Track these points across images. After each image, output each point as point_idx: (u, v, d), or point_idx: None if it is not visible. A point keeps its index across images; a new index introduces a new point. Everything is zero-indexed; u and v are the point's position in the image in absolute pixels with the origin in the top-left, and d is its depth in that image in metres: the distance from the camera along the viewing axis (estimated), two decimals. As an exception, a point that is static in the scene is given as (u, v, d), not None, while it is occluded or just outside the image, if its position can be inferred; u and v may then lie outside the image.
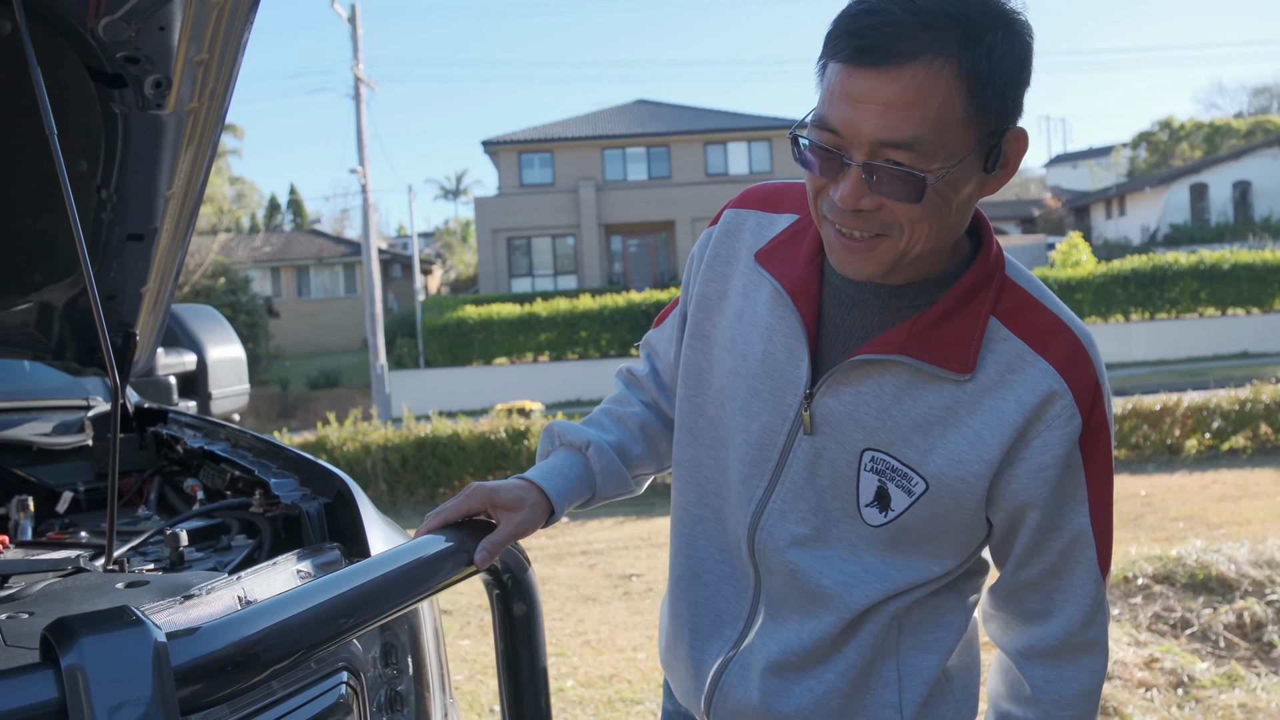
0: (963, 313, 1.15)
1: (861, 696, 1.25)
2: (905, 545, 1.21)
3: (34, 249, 1.89)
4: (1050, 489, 1.16)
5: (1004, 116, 1.07)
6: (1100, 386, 1.17)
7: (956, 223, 1.12)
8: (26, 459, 2.07)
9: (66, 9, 1.44)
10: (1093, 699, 1.23)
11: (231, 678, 0.91)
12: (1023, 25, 1.06)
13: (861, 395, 1.18)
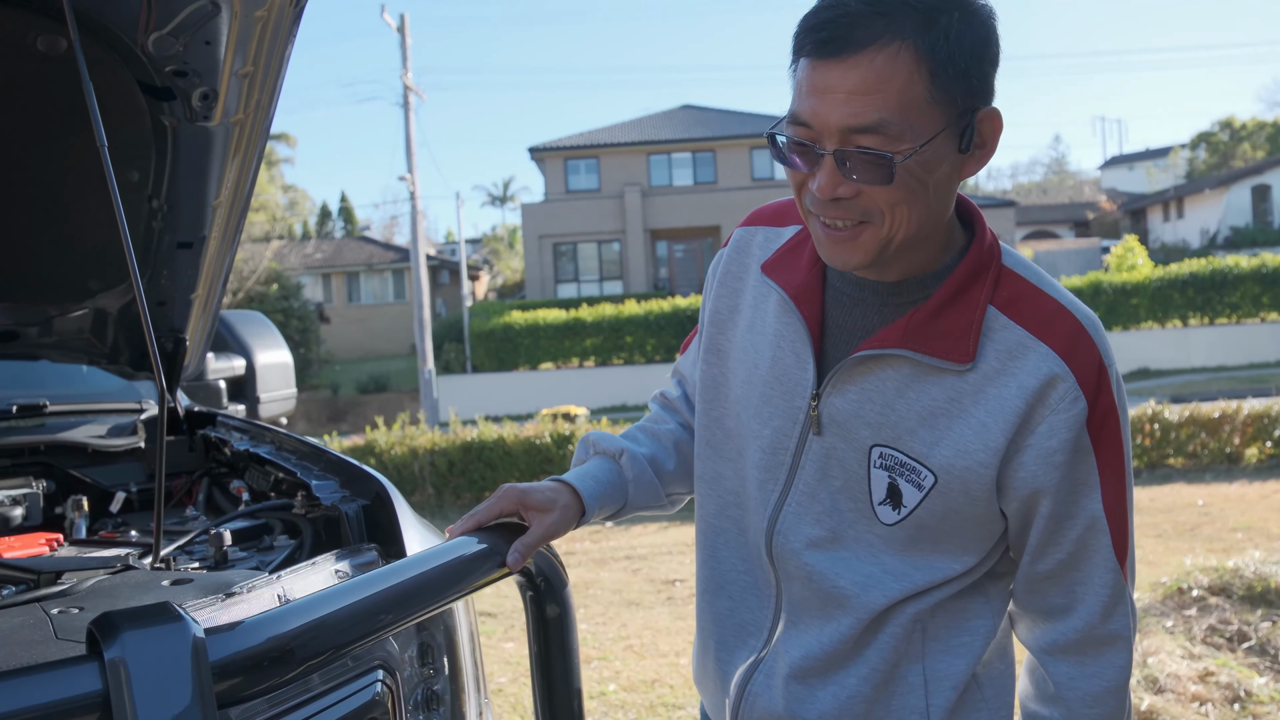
0: (960, 303, 1.16)
1: (886, 701, 1.24)
2: (924, 544, 1.20)
3: (89, 257, 1.95)
4: (1060, 475, 1.14)
5: (973, 96, 1.08)
6: (1105, 369, 1.16)
7: (937, 205, 1.12)
8: (82, 460, 2.14)
9: (118, 25, 1.49)
10: (1118, 696, 1.21)
11: (268, 673, 0.94)
12: (980, 7, 1.08)
13: (866, 392, 1.19)
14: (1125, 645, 1.20)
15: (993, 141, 1.12)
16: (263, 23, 1.53)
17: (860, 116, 1.04)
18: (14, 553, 1.54)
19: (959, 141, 1.09)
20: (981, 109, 1.10)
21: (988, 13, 1.09)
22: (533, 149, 32.34)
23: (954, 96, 1.06)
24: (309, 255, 34.05)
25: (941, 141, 1.07)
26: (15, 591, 1.36)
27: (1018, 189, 61.69)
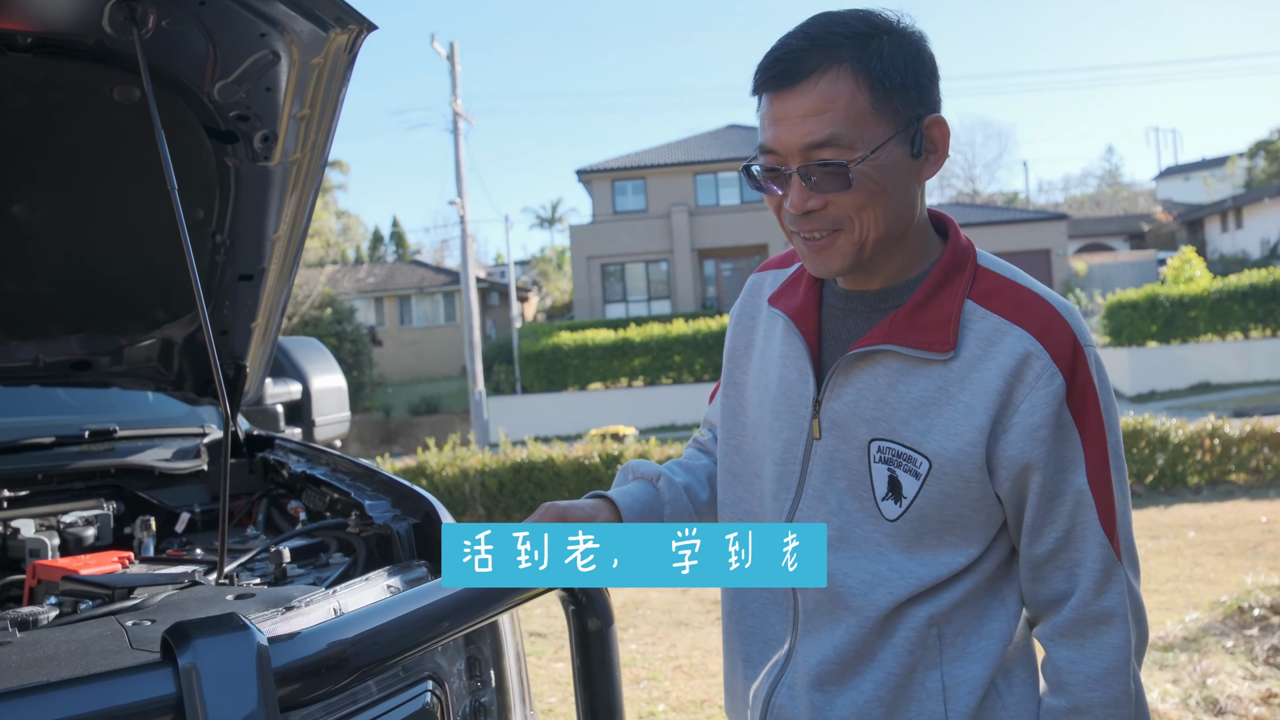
0: (938, 299, 1.27)
1: (905, 707, 1.27)
2: (928, 537, 1.26)
3: (156, 289, 2.06)
4: (1046, 449, 1.21)
5: (915, 106, 1.22)
6: (1081, 347, 1.24)
7: (900, 206, 1.24)
8: (149, 482, 2.25)
9: (186, 76, 1.60)
10: (1120, 678, 1.23)
11: (325, 679, 1.01)
12: (906, 29, 1.24)
13: (861, 391, 1.28)
14: (1122, 624, 1.23)
15: (943, 146, 1.26)
16: (319, 69, 1.63)
17: (815, 134, 1.19)
18: (90, 570, 1.64)
19: (910, 147, 1.22)
20: (927, 117, 1.23)
21: (915, 34, 1.24)
22: (580, 171, 32.63)
23: (896, 107, 1.20)
24: (362, 279, 34.61)
25: (892, 147, 1.20)
26: (93, 605, 1.45)
27: (1070, 201, 60.75)
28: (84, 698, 0.87)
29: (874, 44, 1.20)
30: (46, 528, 2.01)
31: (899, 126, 1.20)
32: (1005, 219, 34.68)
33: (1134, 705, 1.24)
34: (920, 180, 1.26)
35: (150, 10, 1.47)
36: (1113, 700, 1.23)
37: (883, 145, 1.19)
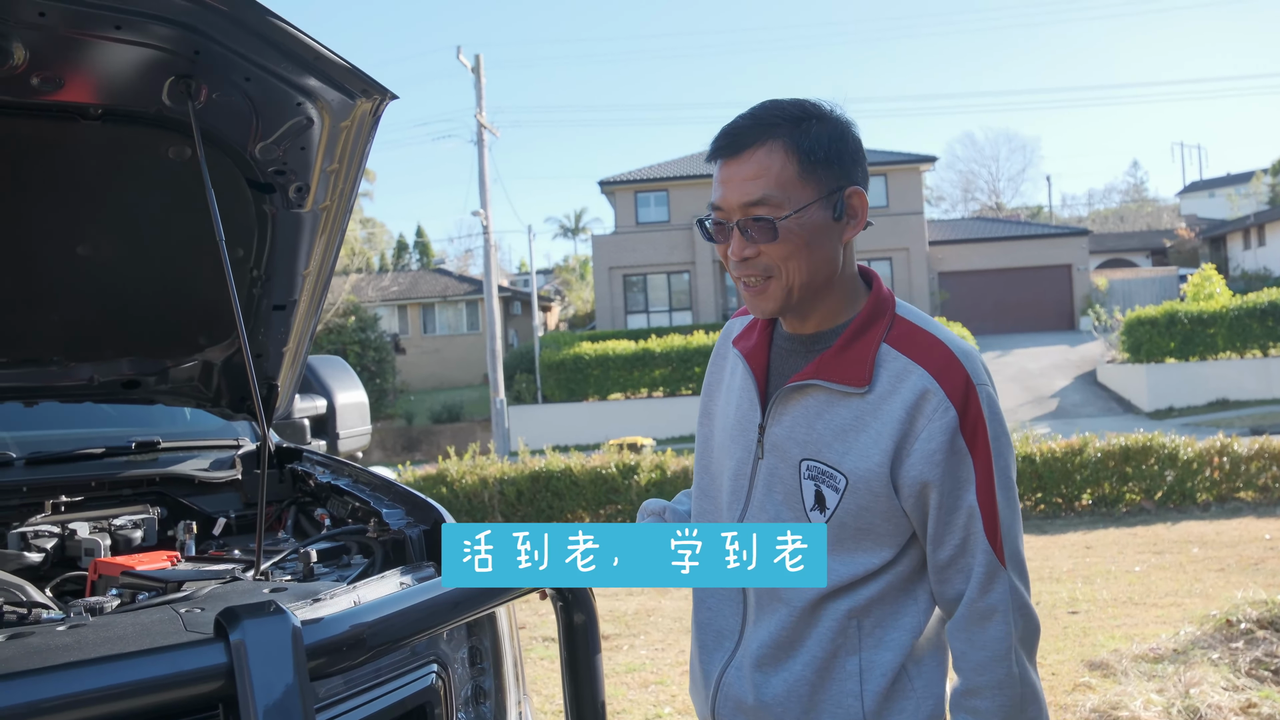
0: (859, 342, 1.51)
1: (827, 686, 1.51)
2: (847, 542, 1.49)
3: (199, 317, 2.30)
4: (942, 471, 1.43)
5: (838, 178, 1.47)
6: (974, 386, 1.46)
7: (822, 259, 1.49)
8: (189, 490, 2.49)
9: (232, 138, 1.84)
10: (1003, 663, 1.44)
11: (347, 655, 1.24)
12: (836, 117, 1.50)
13: (795, 418, 1.53)
14: (1003, 618, 1.45)
15: (860, 214, 1.51)
16: (347, 130, 1.87)
17: (750, 194, 1.45)
18: (145, 566, 1.89)
19: (832, 212, 1.47)
20: (848, 188, 1.49)
21: (844, 121, 1.51)
22: (602, 182, 32.90)
23: (820, 177, 1.46)
24: (386, 287, 34.99)
25: (815, 210, 1.46)
26: (150, 596, 1.69)
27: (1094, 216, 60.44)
28: (159, 663, 1.10)
29: (805, 125, 1.46)
30: (99, 530, 2.25)
31: (822, 193, 1.46)
32: (1026, 234, 34.64)
33: (1017, 686, 1.45)
34: (842, 240, 1.51)
35: (203, 85, 1.71)
36: (996, 682, 1.45)
37: (806, 207, 1.45)
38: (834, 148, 1.47)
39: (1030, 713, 1.46)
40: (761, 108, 1.50)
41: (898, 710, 1.50)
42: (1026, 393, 23.95)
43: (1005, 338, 31.24)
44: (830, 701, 1.51)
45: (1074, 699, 4.73)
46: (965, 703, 1.47)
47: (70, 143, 1.79)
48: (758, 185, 1.45)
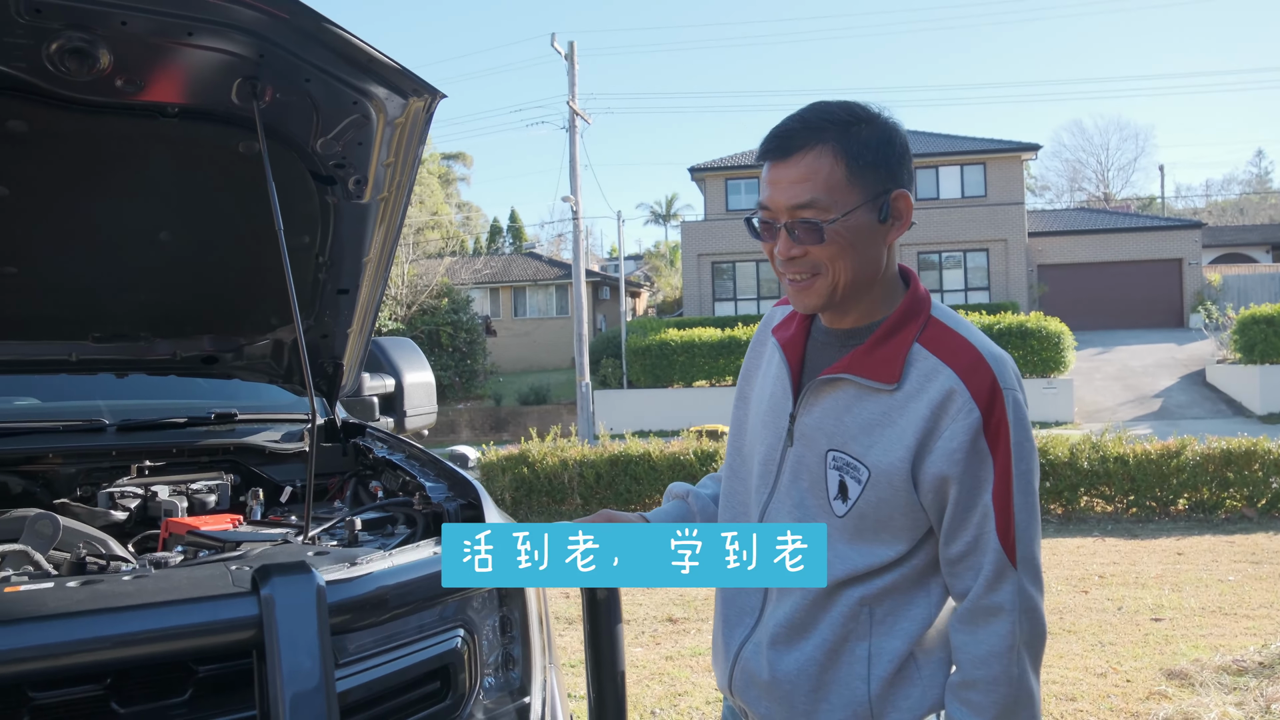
0: (892, 341, 1.54)
1: (836, 668, 1.56)
2: (866, 533, 1.53)
3: (271, 300, 2.47)
4: (962, 469, 1.46)
5: (884, 181, 1.50)
6: (1000, 390, 1.48)
7: (867, 260, 1.52)
8: (261, 459, 2.68)
9: (295, 134, 1.98)
10: (1001, 660, 1.47)
11: (370, 613, 1.36)
12: (882, 119, 1.52)
13: (825, 410, 1.57)
14: (1008, 617, 1.47)
15: (905, 216, 1.53)
16: (402, 126, 1.99)
17: (798, 197, 1.48)
18: (208, 528, 2.06)
19: (877, 214, 1.50)
20: (894, 191, 1.51)
21: (891, 124, 1.53)
22: (693, 169, 32.85)
23: (867, 181, 1.48)
24: (479, 270, 35.60)
25: (862, 213, 1.49)
26: (208, 554, 1.86)
27: (1211, 208, 57.86)
28: (198, 611, 1.24)
29: (853, 130, 1.49)
30: (178, 493, 2.44)
31: (868, 197, 1.49)
32: (1134, 226, 33.36)
33: (1014, 686, 1.48)
34: (887, 242, 1.54)
35: (267, 86, 1.86)
36: (993, 678, 1.48)
37: (853, 210, 1.48)
38: (881, 151, 1.50)
39: (1022, 716, 1.49)
40: (811, 110, 1.53)
41: (903, 696, 1.55)
42: (1127, 391, 23.17)
43: (1107, 334, 30.23)
44: (838, 683, 1.56)
45: (1146, 707, 4.64)
46: (960, 694, 1.51)
47: (151, 139, 1.96)
48: (805, 189, 1.48)
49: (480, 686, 1.79)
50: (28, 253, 2.14)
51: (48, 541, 1.93)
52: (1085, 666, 5.29)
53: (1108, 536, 9.42)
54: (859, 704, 1.55)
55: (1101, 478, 10.22)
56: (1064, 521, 10.22)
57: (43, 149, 1.91)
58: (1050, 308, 28.92)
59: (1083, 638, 5.87)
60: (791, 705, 1.58)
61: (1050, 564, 8.14)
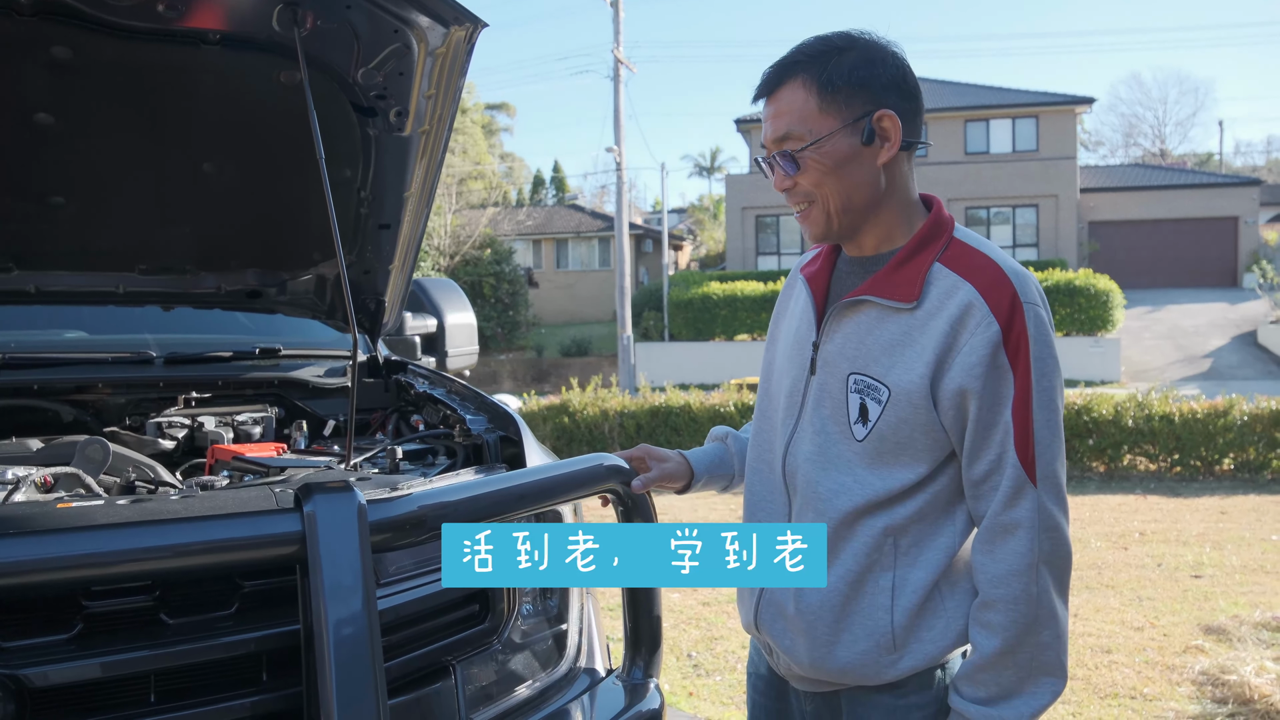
0: (912, 261, 1.55)
1: (859, 599, 1.55)
2: (886, 456, 1.53)
3: (313, 234, 2.48)
4: (981, 384, 1.45)
5: (866, 103, 1.51)
6: (1020, 304, 1.47)
7: (857, 184, 1.54)
8: (304, 394, 2.71)
9: (336, 63, 1.98)
10: (1020, 579, 1.46)
11: (408, 533, 1.38)
12: (864, 42, 1.54)
13: (846, 335, 1.58)
14: (1026, 534, 1.46)
15: (895, 135, 1.53)
16: (443, 57, 1.98)
17: (777, 130, 1.55)
18: (253, 454, 2.10)
19: (859, 137, 1.51)
20: (876, 112, 1.51)
21: (875, 46, 1.55)
22: (738, 120, 32.46)
23: (842, 106, 1.51)
24: (522, 221, 35.60)
25: (840, 138, 1.51)
26: (253, 478, 1.90)
27: (1271, 165, 56.16)
28: (242, 525, 1.27)
29: (824, 58, 1.53)
30: (224, 424, 2.49)
31: (846, 121, 1.51)
32: (1189, 182, 32.51)
33: (1033, 605, 1.46)
34: (879, 163, 1.54)
35: (308, 13, 1.85)
36: (1012, 597, 1.46)
37: (828, 136, 1.51)
38: (856, 75, 1.52)
39: (1044, 637, 1.47)
40: (790, 51, 1.58)
41: (927, 627, 1.54)
42: (1178, 351, 22.75)
43: (1159, 292, 29.62)
44: (861, 613, 1.55)
45: (1183, 660, 4.62)
46: (979, 615, 1.50)
47: (193, 68, 1.96)
48: (782, 122, 1.54)
49: (519, 612, 1.82)
50: (75, 183, 2.16)
51: (98, 466, 1.98)
52: (1122, 620, 5.27)
53: (1150, 494, 9.32)
54: (882, 634, 1.54)
55: (1146, 436, 10.09)
56: (1106, 479, 10.12)
57: (87, 77, 1.93)
58: (1101, 265, 28.35)
59: (1121, 593, 5.84)
60: (814, 636, 1.58)
61: (1090, 520, 8.08)
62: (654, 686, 1.82)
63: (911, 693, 1.56)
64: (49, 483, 1.87)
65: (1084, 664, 4.59)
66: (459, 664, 1.67)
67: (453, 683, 1.63)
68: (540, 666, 1.84)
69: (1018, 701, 1.47)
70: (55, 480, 1.88)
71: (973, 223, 30.31)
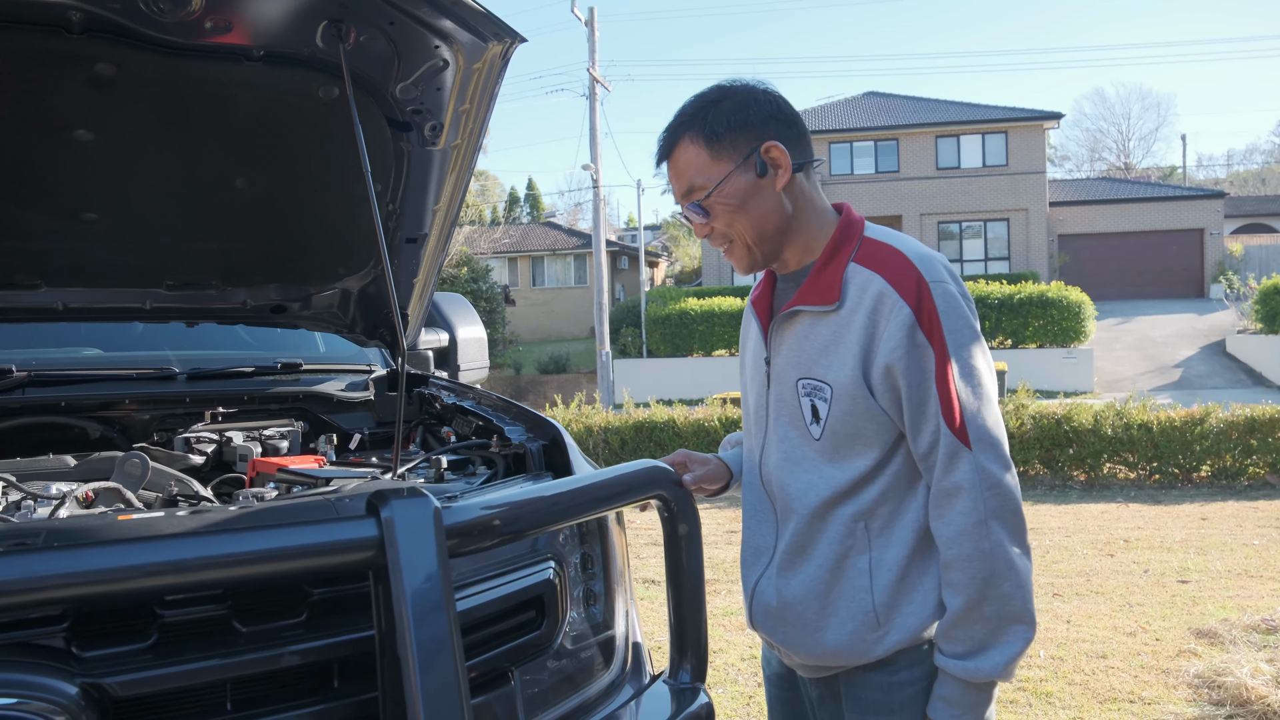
0: (830, 266, 1.69)
1: (840, 584, 1.67)
2: (842, 448, 1.65)
3: (338, 249, 2.50)
4: (905, 363, 1.58)
5: (750, 141, 1.66)
6: (925, 284, 1.59)
7: (764, 212, 1.69)
8: (328, 407, 2.72)
9: (375, 78, 2.00)
10: (969, 537, 1.56)
11: (479, 537, 1.40)
12: (737, 89, 1.70)
13: (789, 345, 1.72)
14: (968, 496, 1.56)
15: (784, 161, 1.67)
16: (479, 72, 2.01)
17: (681, 187, 1.72)
18: (296, 465, 2.10)
19: (755, 171, 1.66)
20: (763, 145, 1.66)
21: (747, 90, 1.70)
22: (713, 138, 32.54)
23: (730, 150, 1.67)
24: (497, 240, 35.59)
25: (736, 177, 1.67)
26: (304, 489, 1.90)
27: (1232, 178, 57.18)
28: (329, 531, 1.28)
29: (705, 113, 1.69)
30: (251, 438, 2.49)
31: (738, 161, 1.66)
32: (1155, 195, 33.04)
33: (988, 559, 1.56)
34: (777, 188, 1.68)
35: (351, 29, 1.87)
36: (966, 555, 1.57)
37: (725, 179, 1.67)
38: (735, 119, 1.67)
39: (1006, 588, 1.56)
40: (675, 115, 1.74)
41: (907, 601, 1.64)
42: (1148, 361, 23.06)
43: (1128, 304, 30.03)
44: (844, 598, 1.66)
45: (1178, 664, 4.68)
46: (945, 577, 1.60)
47: (233, 83, 1.97)
48: (684, 179, 1.70)
49: (568, 618, 1.84)
50: (109, 199, 2.17)
51: (137, 481, 1.98)
52: (1114, 626, 5.33)
53: (1131, 502, 9.44)
54: (865, 613, 1.64)
55: (1125, 444, 10.23)
56: (1087, 488, 10.24)
57: (128, 93, 1.93)
58: (1071, 278, 28.75)
59: (1111, 599, 5.92)
60: (804, 624, 1.69)
61: (1075, 528, 8.18)
62: (702, 690, 1.85)
63: (902, 669, 1.66)
64: (90, 498, 1.87)
65: (1081, 669, 4.65)
66: (517, 669, 1.68)
67: (512, 688, 1.64)
68: (591, 672, 1.87)
69: (993, 652, 1.57)
70: (96, 495, 1.88)
71: (945, 237, 30.63)
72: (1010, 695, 4.32)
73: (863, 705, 1.68)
